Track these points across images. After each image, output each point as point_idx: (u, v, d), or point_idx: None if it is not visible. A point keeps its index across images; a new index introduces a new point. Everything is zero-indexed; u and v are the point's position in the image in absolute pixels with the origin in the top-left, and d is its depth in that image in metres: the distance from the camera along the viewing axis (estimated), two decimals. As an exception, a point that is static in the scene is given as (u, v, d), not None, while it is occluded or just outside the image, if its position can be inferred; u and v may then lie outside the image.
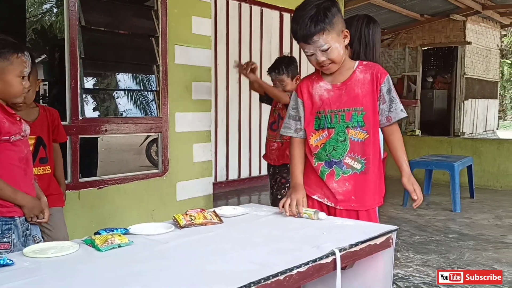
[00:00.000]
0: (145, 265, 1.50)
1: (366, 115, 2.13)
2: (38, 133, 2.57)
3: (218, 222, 2.00)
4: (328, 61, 2.08)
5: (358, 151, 2.15)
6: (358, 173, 2.16)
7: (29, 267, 1.46)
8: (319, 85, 2.20)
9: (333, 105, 2.16)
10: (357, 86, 2.14)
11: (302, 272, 1.50)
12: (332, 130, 2.17)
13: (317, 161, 2.22)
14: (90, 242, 1.67)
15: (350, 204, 2.18)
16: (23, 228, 1.97)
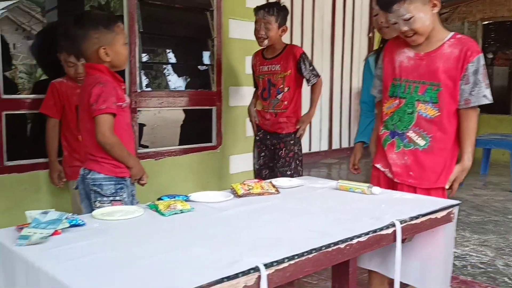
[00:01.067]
0: (207, 230, 1.55)
1: (441, 92, 2.01)
2: None
3: (275, 193, 2.03)
4: (411, 31, 1.99)
5: (425, 127, 2.06)
6: (420, 149, 2.09)
7: (99, 228, 1.54)
8: (403, 50, 2.11)
9: (410, 75, 2.08)
10: (440, 60, 2.01)
11: (362, 242, 1.50)
12: (403, 100, 2.09)
13: (384, 129, 2.18)
14: (154, 207, 1.73)
15: (407, 180, 2.13)
16: (131, 188, 2.12)
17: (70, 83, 2.64)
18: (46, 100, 2.62)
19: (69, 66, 2.57)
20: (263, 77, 3.18)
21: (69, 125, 2.63)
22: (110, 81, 2.03)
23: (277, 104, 3.14)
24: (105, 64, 2.06)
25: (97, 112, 1.97)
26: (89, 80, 2.05)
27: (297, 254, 1.30)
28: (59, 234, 1.44)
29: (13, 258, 1.33)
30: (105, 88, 1.98)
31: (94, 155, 2.06)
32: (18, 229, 1.47)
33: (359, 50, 8.10)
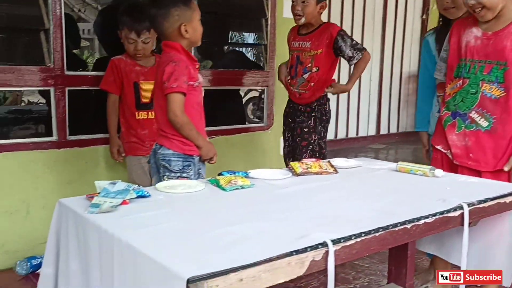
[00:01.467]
0: (269, 205, 1.55)
1: (508, 71, 1.95)
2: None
3: (333, 172, 2.01)
4: (479, 5, 1.93)
5: (488, 107, 2.00)
6: (482, 130, 2.03)
7: (164, 200, 1.57)
8: (471, 30, 2.06)
9: (476, 55, 2.03)
10: (508, 39, 1.95)
11: (429, 223, 1.46)
12: (467, 80, 2.05)
13: (445, 110, 2.14)
14: (215, 182, 1.75)
15: (467, 162, 2.08)
16: (198, 166, 2.14)
17: (128, 60, 2.69)
18: (106, 76, 2.69)
19: (129, 43, 2.61)
20: (292, 53, 2.99)
21: (127, 102, 2.69)
22: (184, 60, 2.05)
23: (303, 84, 2.92)
24: (182, 42, 2.08)
25: (168, 90, 2.00)
26: (164, 58, 2.08)
27: (364, 232, 1.29)
28: (127, 204, 1.49)
29: (85, 225, 1.38)
30: (177, 66, 2.01)
31: (165, 131, 2.10)
32: (88, 198, 1.52)
33: (412, 32, 7.85)
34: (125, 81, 2.67)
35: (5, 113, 3.18)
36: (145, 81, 2.69)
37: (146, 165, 2.73)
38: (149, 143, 2.70)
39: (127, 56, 2.70)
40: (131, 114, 2.69)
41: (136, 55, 2.66)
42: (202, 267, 1.02)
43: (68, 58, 2.72)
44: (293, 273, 1.15)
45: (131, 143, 2.71)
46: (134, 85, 2.68)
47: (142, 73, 2.70)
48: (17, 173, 2.62)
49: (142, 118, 2.70)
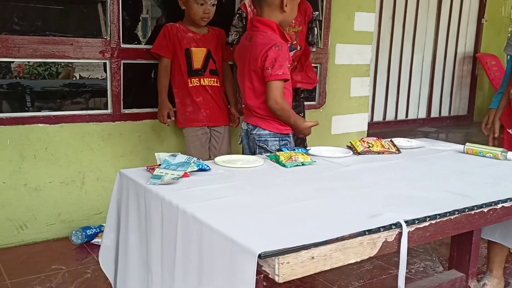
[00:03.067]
0: (333, 183, 1.49)
1: None
2: (207, 46, 2.71)
3: (395, 152, 1.92)
4: None
5: None
6: None
7: (224, 174, 1.54)
8: None
9: None
10: None
11: (507, 207, 1.36)
12: None
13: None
14: (275, 158, 1.70)
15: None
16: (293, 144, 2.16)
17: (182, 27, 2.67)
18: (158, 41, 2.67)
19: (198, 4, 2.57)
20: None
21: (180, 69, 2.67)
22: (284, 44, 1.99)
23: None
24: (277, 18, 2.03)
25: (272, 78, 1.94)
26: (261, 38, 2.00)
27: (439, 214, 1.21)
28: (188, 177, 1.46)
29: (148, 196, 1.36)
30: (281, 52, 1.95)
31: (259, 113, 2.07)
32: (149, 169, 1.51)
33: (469, 12, 7.46)
34: (178, 47, 2.66)
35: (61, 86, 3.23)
36: (196, 48, 2.68)
37: (204, 137, 2.74)
38: (204, 111, 2.71)
39: (181, 23, 2.68)
40: (184, 82, 2.68)
41: (202, 19, 2.64)
42: (272, 243, 0.98)
43: (123, 31, 2.72)
44: (365, 254, 1.09)
45: (186, 113, 2.70)
46: (186, 51, 2.66)
47: (195, 39, 2.69)
48: (73, 145, 2.66)
49: (195, 85, 2.69)
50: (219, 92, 2.77)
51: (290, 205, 1.25)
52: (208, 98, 2.71)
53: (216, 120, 2.76)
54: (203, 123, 2.72)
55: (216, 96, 2.75)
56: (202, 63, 2.69)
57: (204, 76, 2.69)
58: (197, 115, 2.71)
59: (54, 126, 2.60)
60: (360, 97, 3.78)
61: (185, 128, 2.74)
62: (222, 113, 2.78)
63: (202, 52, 2.69)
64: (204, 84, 2.70)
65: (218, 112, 2.76)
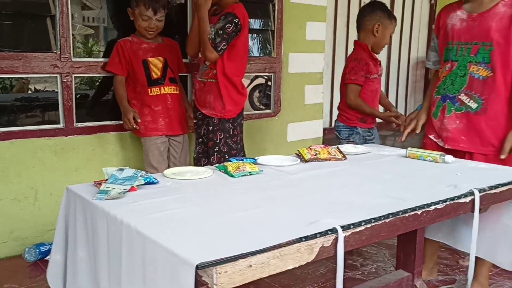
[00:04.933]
0: (278, 191, 1.54)
1: (494, 51, 1.97)
2: (163, 55, 2.75)
3: (342, 158, 1.99)
4: None
5: (477, 89, 2.02)
6: (472, 112, 2.04)
7: (172, 186, 1.56)
8: (456, 13, 2.10)
9: (462, 37, 2.06)
10: (493, 19, 1.98)
11: (439, 209, 1.45)
12: (455, 63, 2.07)
13: (436, 95, 2.17)
14: (223, 168, 1.74)
15: (459, 144, 2.09)
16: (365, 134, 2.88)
17: (135, 40, 2.69)
18: (111, 58, 2.68)
19: (143, 20, 2.61)
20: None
21: (139, 80, 2.68)
22: (365, 58, 2.77)
23: (205, 71, 2.58)
24: (369, 40, 2.80)
25: (347, 81, 2.78)
26: (352, 54, 2.88)
27: (374, 218, 1.28)
28: (135, 191, 1.48)
29: (94, 212, 1.37)
30: (358, 64, 2.77)
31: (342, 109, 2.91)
32: (96, 184, 1.52)
33: (420, 17, 7.75)
34: (134, 60, 2.68)
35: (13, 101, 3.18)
36: (153, 58, 2.71)
37: (162, 146, 2.76)
38: (163, 120, 2.73)
39: (134, 36, 2.70)
40: (144, 92, 2.70)
41: (148, 32, 2.67)
42: (211, 253, 1.01)
43: (74, 45, 2.71)
44: (302, 259, 1.14)
45: (145, 123, 2.71)
46: (143, 62, 2.69)
47: (150, 50, 2.72)
48: (25, 160, 2.62)
49: (155, 94, 2.71)
50: (179, 100, 2.80)
51: (234, 215, 1.29)
52: (167, 107, 2.74)
53: (175, 129, 2.78)
54: (162, 132, 2.74)
55: (176, 104, 2.78)
56: (160, 72, 2.72)
57: (165, 85, 2.73)
58: (156, 124, 2.73)
59: (3, 143, 2.55)
60: (314, 104, 3.87)
61: (143, 137, 2.74)
62: (181, 121, 2.81)
63: (160, 61, 2.73)
64: (165, 93, 2.73)
65: (177, 121, 2.79)
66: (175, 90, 2.77)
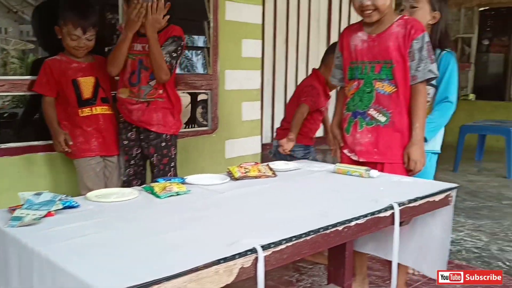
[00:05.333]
0: (204, 211, 1.53)
1: (395, 68, 2.10)
2: (94, 74, 2.65)
3: (272, 176, 2.01)
4: (372, 6, 2.07)
5: (384, 103, 2.13)
6: (381, 125, 2.15)
7: (93, 210, 1.51)
8: (357, 35, 2.21)
9: (365, 56, 2.17)
10: (390, 39, 2.11)
11: (360, 224, 1.48)
12: (361, 81, 2.17)
13: (346, 111, 2.26)
14: (150, 189, 1.71)
15: (372, 157, 2.18)
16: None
17: (64, 59, 2.59)
18: (39, 78, 2.57)
19: (72, 39, 2.52)
20: (133, 57, 2.55)
21: (68, 101, 2.58)
22: (318, 89, 3.01)
23: (150, 91, 2.57)
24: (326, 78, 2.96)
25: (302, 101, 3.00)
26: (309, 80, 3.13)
27: (294, 236, 1.29)
28: (53, 216, 1.42)
29: (5, 240, 1.30)
30: (312, 90, 3.02)
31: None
32: (10, 210, 1.44)
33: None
34: (63, 80, 2.57)
35: None
36: (83, 77, 2.61)
37: (98, 167, 2.65)
38: (96, 141, 2.63)
39: (62, 55, 2.60)
40: (74, 113, 2.59)
41: (78, 51, 2.57)
42: (124, 280, 0.98)
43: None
44: (221, 282, 1.13)
45: (77, 144, 2.60)
46: (73, 82, 2.58)
47: (80, 69, 2.62)
48: None
49: (86, 114, 2.61)
50: (112, 120, 2.72)
51: (155, 238, 1.26)
52: (100, 127, 2.65)
53: (109, 149, 2.69)
54: (95, 153, 2.64)
55: (108, 124, 2.69)
56: (92, 92, 2.62)
57: (96, 105, 2.63)
58: (89, 145, 2.63)
59: None
60: (252, 121, 3.90)
61: (76, 159, 2.63)
62: (115, 141, 2.72)
63: (90, 81, 2.63)
64: (97, 113, 2.63)
65: (111, 141, 2.70)
66: (107, 110, 2.69)
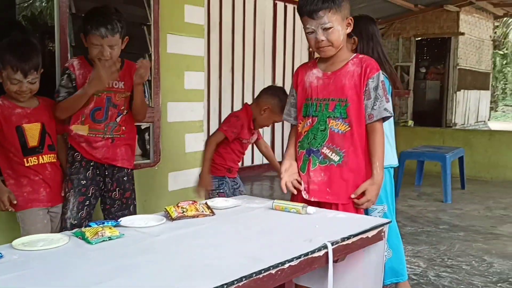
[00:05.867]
0: (136, 258, 1.49)
1: (350, 107, 2.11)
2: (40, 119, 2.49)
3: (210, 214, 1.99)
4: (327, 42, 2.07)
5: (337, 142, 2.13)
6: (335, 165, 2.14)
7: (18, 260, 1.44)
8: (312, 72, 2.21)
9: (320, 94, 2.17)
10: (346, 77, 2.12)
11: (294, 266, 1.50)
12: (315, 118, 2.17)
13: (300, 149, 2.24)
14: (80, 234, 1.66)
15: (324, 196, 2.17)
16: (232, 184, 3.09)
17: (6, 103, 2.42)
18: None
19: (12, 83, 2.36)
20: (98, 94, 2.53)
21: (11, 149, 2.42)
22: (243, 121, 3.04)
23: (116, 128, 2.61)
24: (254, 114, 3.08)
25: (219, 129, 3.06)
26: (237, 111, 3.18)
27: (226, 283, 1.28)
28: (-28, 269, 1.34)
29: None
30: (236, 121, 3.04)
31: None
32: None
33: (300, 62, 8.25)
34: (5, 127, 2.39)
35: None
36: (29, 124, 2.44)
37: (45, 218, 2.48)
38: (44, 191, 2.47)
39: (5, 98, 2.42)
40: (19, 162, 2.42)
41: (20, 95, 2.40)
42: None
43: None
44: (150, 337, 1.10)
45: (24, 194, 2.43)
46: (17, 129, 2.41)
47: (25, 115, 2.44)
48: None
49: (33, 164, 2.44)
50: (57, 168, 2.57)
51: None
52: (47, 177, 2.49)
53: (55, 199, 2.54)
54: (43, 204, 2.48)
55: (56, 173, 2.54)
56: (38, 140, 2.46)
57: (43, 153, 2.47)
58: (37, 195, 2.45)
59: None
60: (195, 152, 3.88)
61: (22, 211, 2.43)
62: (60, 191, 2.57)
63: (36, 127, 2.46)
64: (43, 162, 2.48)
65: (57, 191, 2.55)
66: (54, 158, 2.54)
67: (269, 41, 7.73)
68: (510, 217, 5.04)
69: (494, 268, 3.47)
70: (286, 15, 7.87)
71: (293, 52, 8.14)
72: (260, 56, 7.59)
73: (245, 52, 7.30)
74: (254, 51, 7.46)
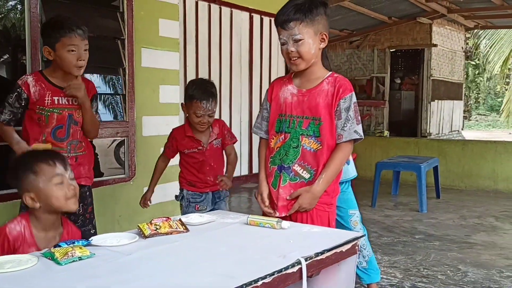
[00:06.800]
0: (107, 278, 1.46)
1: (323, 126, 2.11)
2: None
3: (183, 231, 1.97)
4: (297, 53, 2.07)
5: (309, 160, 2.13)
6: (305, 182, 2.15)
7: (-17, 284, 1.40)
8: (287, 87, 2.20)
9: (294, 110, 2.16)
10: (320, 96, 2.12)
11: (267, 283, 1.49)
12: (288, 135, 2.16)
13: (271, 165, 2.23)
14: (50, 255, 1.62)
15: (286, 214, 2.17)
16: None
17: None
18: None
19: None
20: (59, 112, 2.51)
21: None
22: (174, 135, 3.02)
23: (78, 145, 2.62)
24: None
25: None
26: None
27: (198, 304, 1.26)
28: None
29: None
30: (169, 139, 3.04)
31: None
32: None
33: (277, 74, 8.31)
34: None
35: None
36: None
37: None
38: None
39: None
40: None
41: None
42: None
43: None
44: None
45: None
46: None
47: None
48: None
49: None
50: None
51: (48, 316, 1.19)
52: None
53: None
54: None
55: None
56: None
57: None
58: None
59: None
60: (171, 166, 3.84)
61: None
62: None
63: None
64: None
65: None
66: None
67: (246, 53, 7.75)
68: (483, 226, 5.14)
69: (468, 277, 3.52)
70: (262, 28, 7.92)
71: (270, 64, 8.18)
72: (237, 68, 7.62)
73: (221, 64, 7.31)
74: (231, 63, 7.48)
